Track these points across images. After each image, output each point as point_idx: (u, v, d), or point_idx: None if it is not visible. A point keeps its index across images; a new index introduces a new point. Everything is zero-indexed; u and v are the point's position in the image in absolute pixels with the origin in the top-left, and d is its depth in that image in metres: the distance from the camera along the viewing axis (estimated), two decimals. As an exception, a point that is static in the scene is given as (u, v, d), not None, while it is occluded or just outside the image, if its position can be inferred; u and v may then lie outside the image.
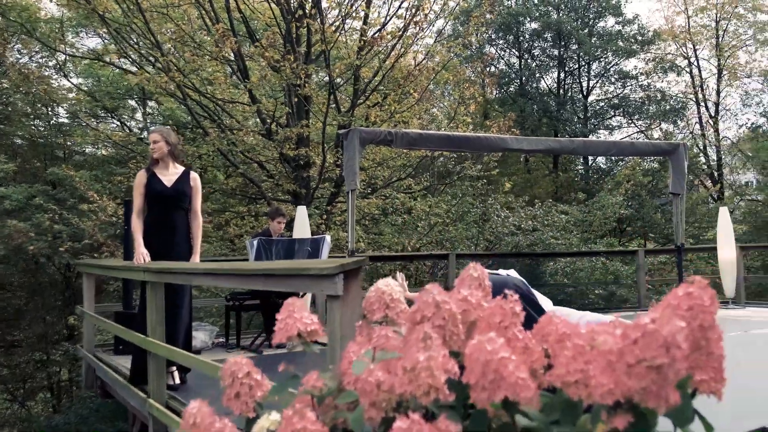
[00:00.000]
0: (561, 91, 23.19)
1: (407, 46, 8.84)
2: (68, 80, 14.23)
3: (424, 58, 9.28)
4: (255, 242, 5.56)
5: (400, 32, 8.57)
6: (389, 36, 8.69)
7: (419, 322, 0.95)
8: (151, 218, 4.43)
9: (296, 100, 8.64)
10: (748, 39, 23.57)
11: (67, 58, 13.50)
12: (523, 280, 3.41)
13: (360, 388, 0.87)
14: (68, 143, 14.82)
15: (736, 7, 23.04)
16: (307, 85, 8.69)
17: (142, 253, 4.24)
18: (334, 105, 8.75)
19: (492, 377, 0.79)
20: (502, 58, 24.01)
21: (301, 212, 6.91)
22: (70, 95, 14.03)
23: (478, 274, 1.10)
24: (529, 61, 23.32)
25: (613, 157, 23.25)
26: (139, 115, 15.41)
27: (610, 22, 22.74)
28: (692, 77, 23.81)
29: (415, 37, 8.80)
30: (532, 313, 3.36)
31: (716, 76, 23.72)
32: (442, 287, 0.96)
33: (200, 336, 5.87)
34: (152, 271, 3.99)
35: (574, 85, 23.56)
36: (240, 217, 10.04)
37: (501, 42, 23.67)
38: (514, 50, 23.59)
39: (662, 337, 0.74)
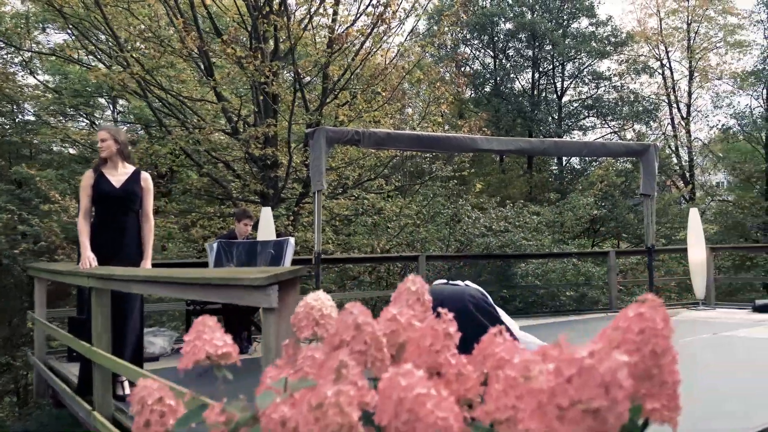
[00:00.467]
0: (535, 91, 23.26)
1: (376, 44, 8.70)
2: (35, 77, 13.85)
3: (394, 57, 9.14)
4: (215, 245, 5.36)
5: (369, 30, 8.40)
6: (357, 33, 8.51)
7: (338, 347, 0.82)
8: (99, 220, 4.22)
9: (262, 98, 8.43)
10: (719, 41, 23.89)
11: (33, 54, 13.14)
12: (481, 290, 3.26)
13: (264, 426, 0.73)
14: (35, 141, 14.44)
15: (707, 9, 23.32)
16: (274, 83, 8.49)
17: (88, 257, 4.03)
18: (301, 103, 8.56)
19: (406, 417, 0.65)
20: (477, 59, 24.01)
21: (266, 214, 6.72)
22: (37, 92, 13.67)
23: (416, 288, 0.96)
24: (503, 61, 23.34)
25: (586, 158, 23.42)
26: (108, 113, 15.06)
27: (584, 23, 22.89)
28: (664, 79, 24.07)
29: (384, 35, 8.65)
30: (488, 326, 3.24)
31: (688, 77, 24.01)
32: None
33: (159, 342, 5.65)
34: (96, 277, 3.78)
35: (549, 86, 23.65)
36: (207, 218, 9.80)
37: (476, 42, 23.67)
38: (488, 50, 23.59)
39: (600, 376, 0.59)
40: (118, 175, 4.21)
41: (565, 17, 22.65)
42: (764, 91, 23.07)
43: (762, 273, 18.59)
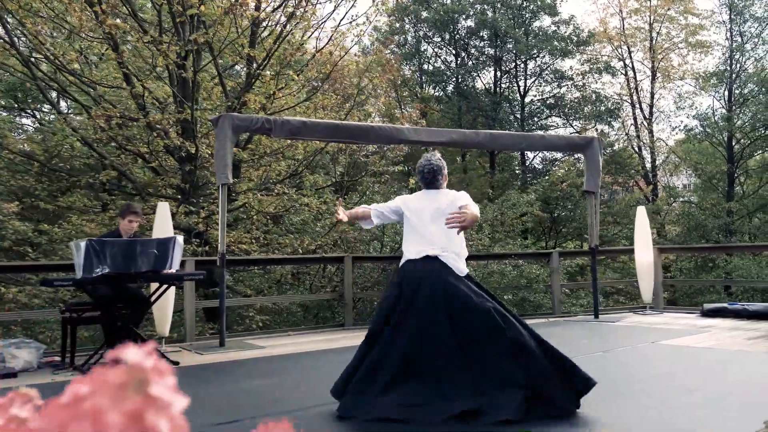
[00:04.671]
0: (497, 90, 22.84)
1: (295, 27, 8.04)
2: None
3: (327, 42, 8.49)
4: (82, 245, 4.65)
5: (290, 12, 7.74)
6: (277, 15, 7.86)
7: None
8: None
9: (176, 85, 7.72)
10: (680, 42, 23.75)
11: None
12: None
13: None
14: None
15: (668, 9, 23.16)
16: (192, 68, 7.80)
17: None
18: (220, 89, 7.87)
19: None
20: (439, 56, 23.54)
21: (163, 209, 6.03)
22: None
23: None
24: (465, 59, 22.88)
25: (547, 158, 23.11)
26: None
27: (546, 22, 22.54)
28: (627, 79, 23.84)
29: (300, 19, 7.99)
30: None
31: (650, 78, 23.82)
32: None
33: (23, 356, 4.92)
34: None
35: (511, 85, 23.26)
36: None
37: (437, 40, 23.19)
38: (450, 48, 23.12)
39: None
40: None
41: (526, 15, 22.27)
42: (726, 92, 22.98)
43: (722, 274, 18.36)
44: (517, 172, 23.01)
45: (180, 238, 5.16)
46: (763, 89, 21.63)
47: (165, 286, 5.28)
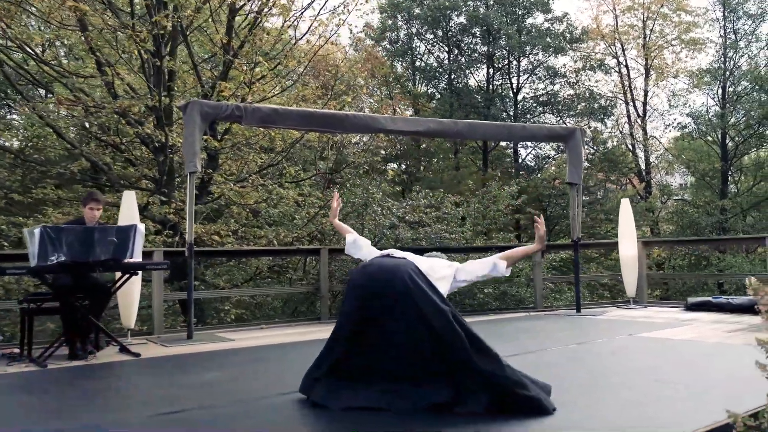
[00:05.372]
0: (490, 87, 22.70)
1: (269, 12, 7.87)
2: None
3: (307, 31, 8.35)
4: (36, 231, 4.49)
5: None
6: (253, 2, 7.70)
7: None
8: None
9: (152, 73, 7.54)
10: (674, 39, 23.63)
11: None
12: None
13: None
14: None
15: (662, 6, 23.04)
16: (165, 57, 7.63)
17: None
18: (195, 78, 7.69)
19: None
20: (432, 53, 23.38)
21: (129, 198, 5.87)
22: None
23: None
24: (458, 56, 22.73)
25: (539, 155, 23.00)
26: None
27: (539, 19, 22.39)
28: (621, 76, 23.72)
29: (273, 5, 7.82)
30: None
31: (644, 75, 23.70)
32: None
33: (-21, 348, 4.78)
34: None
35: (504, 82, 23.12)
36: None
37: (430, 36, 23.04)
38: (442, 45, 22.97)
39: None
40: None
41: (519, 12, 22.11)
42: (720, 90, 22.87)
43: (715, 272, 18.22)
44: (510, 170, 22.86)
45: (141, 226, 5.01)
46: (757, 87, 21.51)
47: (126, 276, 5.12)
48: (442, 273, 3.27)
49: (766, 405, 2.68)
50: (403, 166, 22.27)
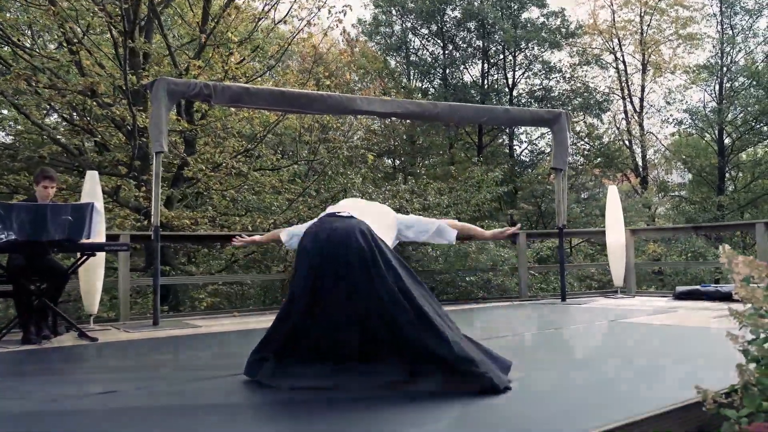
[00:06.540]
0: (485, 82, 22.48)
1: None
2: None
3: (285, 16, 8.14)
4: (-16, 208, 4.28)
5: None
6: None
7: None
8: None
9: (123, 52, 7.32)
10: (671, 34, 23.41)
11: None
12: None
13: None
14: None
15: (659, 1, 22.83)
16: (146, 41, 7.43)
17: None
18: (170, 60, 7.48)
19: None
20: (426, 48, 23.17)
21: (92, 178, 5.65)
22: None
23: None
24: (453, 51, 22.52)
25: (534, 150, 22.78)
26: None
27: (534, 14, 22.16)
28: (618, 72, 23.51)
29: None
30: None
31: (641, 71, 23.48)
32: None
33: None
34: None
35: (499, 77, 22.90)
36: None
37: (424, 31, 22.82)
38: (437, 40, 22.75)
39: None
40: None
41: (514, 6, 21.88)
42: (717, 86, 22.66)
43: (712, 269, 17.99)
44: (504, 166, 22.62)
45: (98, 204, 4.80)
46: (754, 83, 21.30)
47: (84, 258, 4.90)
48: (389, 221, 3.14)
49: (738, 381, 2.48)
50: (398, 162, 22.04)
